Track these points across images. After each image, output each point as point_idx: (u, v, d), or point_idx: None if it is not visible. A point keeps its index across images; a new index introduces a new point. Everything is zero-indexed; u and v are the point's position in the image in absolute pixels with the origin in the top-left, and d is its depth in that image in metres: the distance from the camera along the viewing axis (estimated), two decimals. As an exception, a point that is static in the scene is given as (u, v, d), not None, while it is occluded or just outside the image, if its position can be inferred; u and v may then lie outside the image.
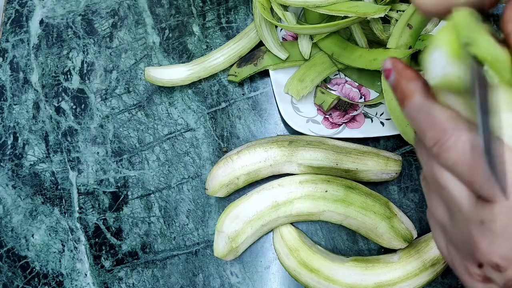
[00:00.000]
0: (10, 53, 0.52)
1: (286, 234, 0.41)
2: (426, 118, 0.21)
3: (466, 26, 0.20)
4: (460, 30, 0.20)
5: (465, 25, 0.20)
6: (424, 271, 0.38)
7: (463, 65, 0.20)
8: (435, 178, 0.21)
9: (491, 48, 0.19)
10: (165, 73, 0.46)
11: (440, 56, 0.20)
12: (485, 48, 0.19)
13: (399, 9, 0.42)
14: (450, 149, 0.19)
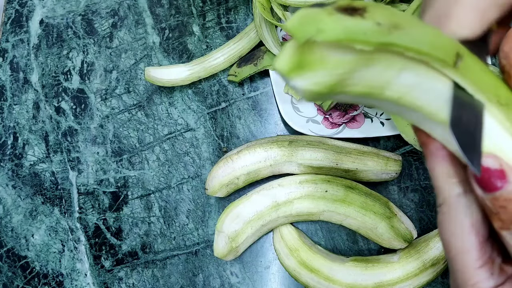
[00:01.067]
0: (10, 53, 0.52)
1: (286, 234, 0.41)
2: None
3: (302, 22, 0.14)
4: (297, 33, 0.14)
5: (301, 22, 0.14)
6: (424, 271, 0.38)
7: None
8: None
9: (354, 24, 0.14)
10: (165, 73, 0.46)
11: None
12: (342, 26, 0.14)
13: (399, 9, 0.42)
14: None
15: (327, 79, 0.14)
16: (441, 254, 0.38)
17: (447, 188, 0.18)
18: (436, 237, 0.39)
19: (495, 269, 0.17)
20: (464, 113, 0.16)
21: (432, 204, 0.43)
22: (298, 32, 0.14)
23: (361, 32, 0.14)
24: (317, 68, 0.14)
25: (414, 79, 0.16)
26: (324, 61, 0.14)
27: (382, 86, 0.15)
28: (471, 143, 0.15)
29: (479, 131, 0.16)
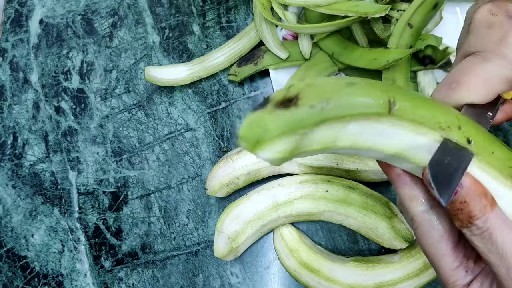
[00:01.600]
0: (10, 53, 0.52)
1: (287, 234, 0.41)
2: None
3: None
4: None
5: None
6: (425, 271, 0.38)
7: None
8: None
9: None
10: (165, 72, 0.46)
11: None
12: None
13: (399, 8, 0.42)
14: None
15: (284, 147, 0.17)
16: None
17: (412, 207, 0.21)
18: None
19: (470, 266, 0.20)
20: (443, 156, 0.19)
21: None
22: (249, 137, 0.17)
23: (298, 121, 0.17)
24: (274, 141, 0.17)
25: (358, 128, 0.18)
26: (280, 135, 0.17)
27: (332, 140, 0.18)
28: (446, 182, 0.18)
29: (459, 173, 0.19)
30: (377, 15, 0.37)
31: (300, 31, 0.43)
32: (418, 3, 0.40)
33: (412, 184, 0.21)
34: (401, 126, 0.19)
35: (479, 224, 0.18)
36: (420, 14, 0.40)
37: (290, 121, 0.17)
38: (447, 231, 0.20)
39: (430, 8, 0.40)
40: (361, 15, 0.37)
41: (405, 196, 0.21)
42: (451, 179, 0.18)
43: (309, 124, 0.17)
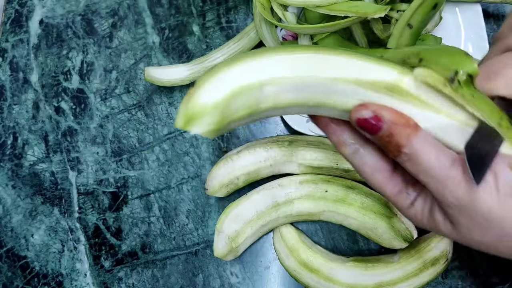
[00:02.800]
0: (10, 53, 0.52)
1: (286, 234, 0.41)
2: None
3: None
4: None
5: None
6: (425, 271, 0.38)
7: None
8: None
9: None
10: (164, 73, 0.46)
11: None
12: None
13: (399, 9, 0.42)
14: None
15: (212, 119, 0.18)
16: (441, 254, 0.38)
17: (344, 151, 0.23)
18: (436, 237, 0.39)
19: (409, 188, 0.23)
20: (478, 140, 0.20)
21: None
22: (180, 117, 0.19)
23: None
24: (201, 116, 0.18)
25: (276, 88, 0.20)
26: (204, 110, 0.18)
27: (256, 103, 0.20)
28: (479, 163, 0.19)
29: (491, 157, 0.20)
30: (376, 15, 0.37)
31: (299, 31, 0.43)
32: (417, 4, 0.40)
33: (339, 131, 0.22)
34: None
35: (406, 151, 0.20)
36: (419, 15, 0.40)
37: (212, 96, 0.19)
38: (379, 164, 0.22)
39: (429, 9, 0.40)
40: (361, 15, 0.37)
41: (336, 142, 0.23)
42: (484, 162, 0.19)
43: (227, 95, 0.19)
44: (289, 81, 0.19)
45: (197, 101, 0.18)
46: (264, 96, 0.19)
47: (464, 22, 0.44)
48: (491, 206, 0.19)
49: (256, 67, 0.19)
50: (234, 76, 0.19)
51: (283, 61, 0.19)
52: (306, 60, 0.19)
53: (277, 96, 0.20)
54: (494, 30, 0.47)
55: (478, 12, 0.44)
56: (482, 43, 0.43)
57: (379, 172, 0.22)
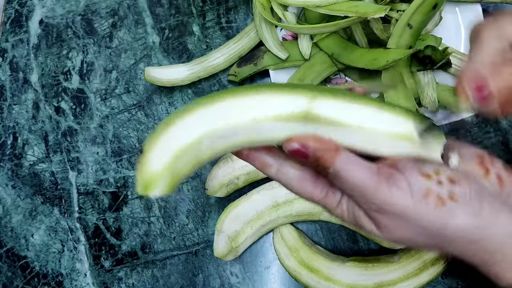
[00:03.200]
0: (10, 53, 0.52)
1: (286, 234, 0.41)
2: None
3: None
4: None
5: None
6: (424, 271, 0.38)
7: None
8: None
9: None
10: (164, 73, 0.46)
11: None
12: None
13: (399, 9, 0.42)
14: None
15: (165, 181, 0.21)
16: (441, 254, 0.38)
17: (268, 172, 0.24)
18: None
19: (334, 190, 0.24)
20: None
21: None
22: (139, 186, 0.21)
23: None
24: (155, 182, 0.20)
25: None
26: (156, 176, 0.20)
27: (198, 156, 0.21)
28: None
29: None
30: (376, 15, 0.37)
31: (299, 31, 0.43)
32: (417, 4, 0.40)
33: (260, 157, 0.24)
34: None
35: (331, 171, 0.22)
36: (420, 15, 0.40)
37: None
38: (302, 175, 0.24)
39: (429, 9, 0.40)
40: (361, 15, 0.37)
41: (259, 167, 0.24)
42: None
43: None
44: (220, 131, 0.21)
45: (148, 169, 0.20)
46: (203, 149, 0.21)
47: (464, 22, 0.44)
48: (406, 209, 0.22)
49: (191, 124, 0.21)
50: (174, 138, 0.21)
51: (210, 113, 0.21)
52: (227, 107, 0.21)
53: (214, 146, 0.21)
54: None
55: (478, 12, 0.44)
56: (482, 43, 0.43)
57: (304, 181, 0.24)
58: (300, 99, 0.22)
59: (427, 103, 0.42)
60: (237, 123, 0.21)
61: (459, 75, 0.26)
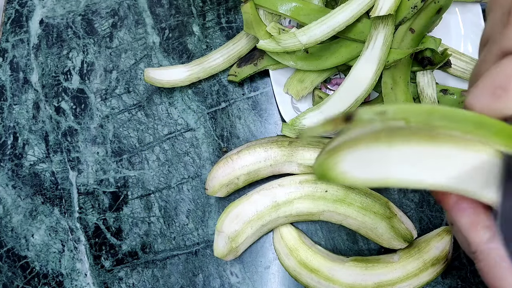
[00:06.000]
0: (10, 53, 0.52)
1: (286, 234, 0.41)
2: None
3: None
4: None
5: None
6: (424, 271, 0.38)
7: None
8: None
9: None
10: (164, 74, 0.46)
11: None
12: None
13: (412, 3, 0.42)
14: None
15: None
16: (441, 254, 0.38)
17: (475, 237, 0.18)
18: (436, 237, 0.39)
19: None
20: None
21: (432, 204, 0.43)
22: (320, 175, 0.17)
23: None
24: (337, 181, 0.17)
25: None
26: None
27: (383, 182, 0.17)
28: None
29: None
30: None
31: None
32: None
33: (473, 210, 0.18)
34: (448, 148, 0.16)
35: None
36: (423, 19, 0.40)
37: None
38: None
39: (433, 13, 0.40)
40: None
41: (466, 224, 0.18)
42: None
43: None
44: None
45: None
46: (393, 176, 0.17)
47: (464, 22, 0.44)
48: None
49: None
50: (405, 168, 0.16)
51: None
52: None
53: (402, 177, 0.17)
54: (494, 30, 0.47)
55: (478, 12, 0.44)
56: (482, 43, 0.43)
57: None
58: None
59: (427, 104, 0.42)
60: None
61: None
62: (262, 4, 0.43)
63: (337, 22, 0.40)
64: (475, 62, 0.42)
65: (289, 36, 0.41)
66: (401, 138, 0.15)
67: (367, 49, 0.40)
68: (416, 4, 0.39)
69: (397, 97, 0.41)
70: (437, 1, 0.39)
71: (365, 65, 0.40)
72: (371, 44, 0.39)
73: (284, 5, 0.43)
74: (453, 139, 0.15)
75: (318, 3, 0.43)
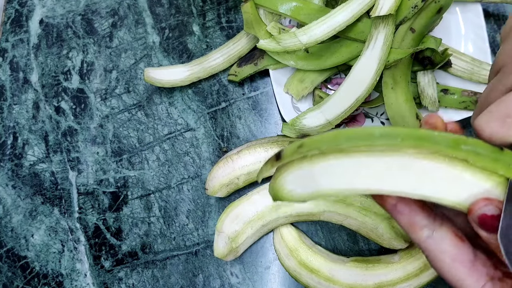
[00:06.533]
0: (10, 53, 0.52)
1: (286, 234, 0.41)
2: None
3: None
4: None
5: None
6: (425, 271, 0.38)
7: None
8: None
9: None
10: (164, 74, 0.46)
11: None
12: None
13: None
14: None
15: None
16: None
17: (415, 235, 0.20)
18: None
19: (496, 284, 0.19)
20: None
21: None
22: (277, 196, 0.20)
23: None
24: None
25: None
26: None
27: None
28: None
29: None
30: None
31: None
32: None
33: (410, 212, 0.20)
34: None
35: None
36: (423, 19, 0.40)
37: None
38: (459, 253, 0.19)
39: (434, 13, 0.40)
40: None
41: (406, 225, 0.20)
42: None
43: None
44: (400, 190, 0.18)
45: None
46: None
47: (464, 22, 0.44)
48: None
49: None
50: (333, 181, 0.19)
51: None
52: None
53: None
54: (494, 30, 0.47)
55: (478, 12, 0.44)
56: (482, 43, 0.43)
57: (458, 262, 0.19)
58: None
59: (427, 103, 0.42)
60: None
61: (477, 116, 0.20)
62: (262, 3, 0.43)
63: (338, 21, 0.40)
64: (475, 62, 0.42)
65: (289, 36, 0.41)
66: (318, 158, 0.18)
67: (368, 49, 0.40)
68: (417, 4, 0.39)
69: (397, 97, 0.41)
70: (437, 1, 0.39)
71: (365, 65, 0.39)
72: (372, 43, 0.39)
73: (284, 5, 0.42)
74: (360, 150, 0.18)
75: (318, 2, 0.43)
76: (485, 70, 0.42)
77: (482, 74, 0.42)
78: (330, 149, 0.18)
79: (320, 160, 0.18)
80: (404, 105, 0.40)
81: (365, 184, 0.18)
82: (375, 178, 0.18)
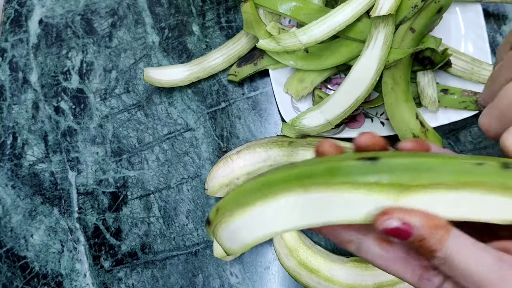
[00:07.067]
0: (9, 53, 0.52)
1: (286, 234, 0.41)
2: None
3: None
4: None
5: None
6: (424, 272, 0.38)
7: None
8: None
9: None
10: (163, 74, 0.46)
11: None
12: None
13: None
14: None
15: (239, 252, 0.21)
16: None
17: (350, 249, 0.21)
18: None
19: (431, 275, 0.20)
20: None
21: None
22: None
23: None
24: (232, 255, 0.21)
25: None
26: (233, 253, 0.21)
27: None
28: None
29: None
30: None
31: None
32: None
33: (335, 232, 0.21)
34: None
35: (441, 256, 0.18)
36: (423, 19, 0.40)
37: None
38: (387, 255, 0.20)
39: (434, 13, 0.40)
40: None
41: (336, 242, 0.22)
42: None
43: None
44: (302, 223, 0.20)
45: (226, 249, 0.21)
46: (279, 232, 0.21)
47: (464, 22, 0.44)
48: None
49: (272, 212, 0.20)
50: (251, 231, 0.20)
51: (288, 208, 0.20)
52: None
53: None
54: (494, 30, 0.47)
55: (478, 12, 0.43)
56: (482, 43, 0.43)
57: (391, 261, 0.20)
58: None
59: (427, 103, 0.42)
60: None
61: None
62: (262, 3, 0.43)
63: (337, 21, 0.40)
64: (475, 62, 0.42)
65: (289, 36, 0.41)
66: (230, 217, 0.20)
67: (368, 49, 0.40)
68: (417, 4, 0.39)
69: (397, 97, 0.40)
70: (437, 1, 0.39)
71: (365, 65, 0.39)
72: (372, 43, 0.39)
73: (284, 5, 0.42)
74: (260, 198, 0.20)
75: (318, 2, 0.43)
76: (485, 70, 0.42)
77: (482, 74, 0.42)
78: (234, 207, 0.20)
79: (233, 219, 0.20)
80: (404, 105, 0.40)
81: (277, 227, 0.20)
82: (280, 220, 0.20)
